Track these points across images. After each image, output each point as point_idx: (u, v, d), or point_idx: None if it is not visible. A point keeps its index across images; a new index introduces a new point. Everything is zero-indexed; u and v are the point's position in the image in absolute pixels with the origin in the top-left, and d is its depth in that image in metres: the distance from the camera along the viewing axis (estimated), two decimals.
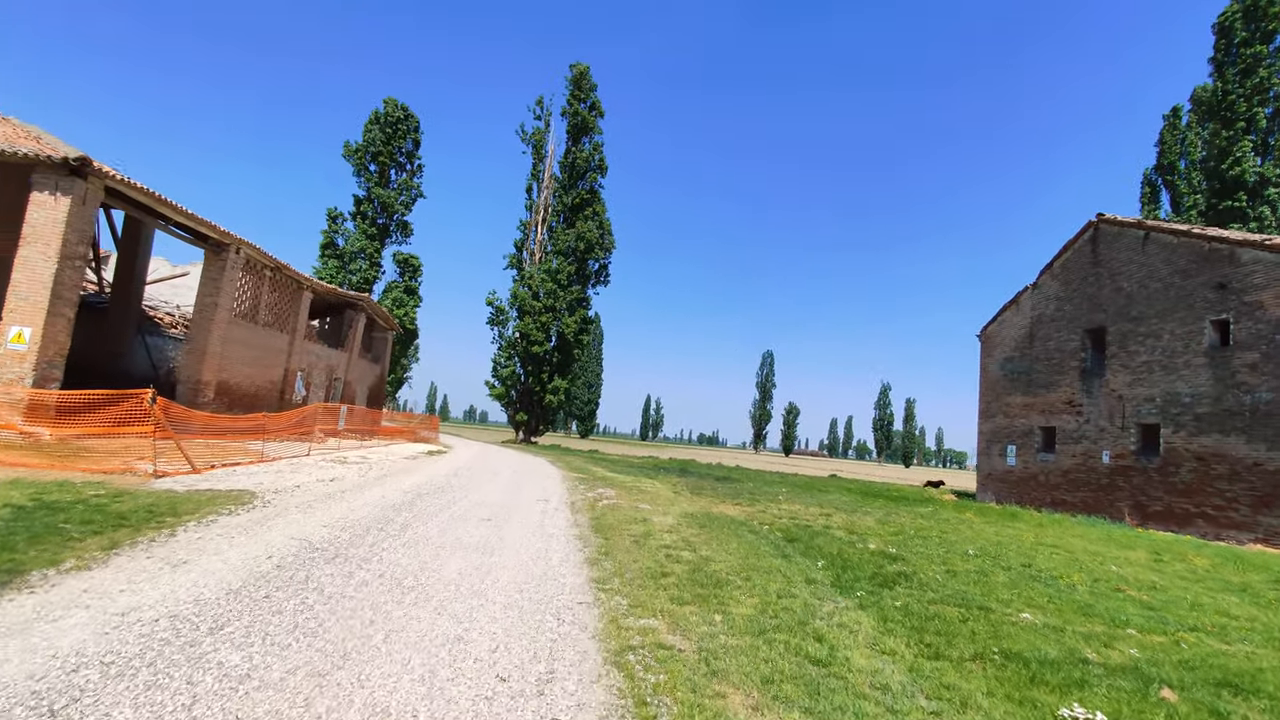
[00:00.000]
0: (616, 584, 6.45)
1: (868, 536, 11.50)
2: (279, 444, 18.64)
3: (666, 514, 12.30)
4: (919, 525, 14.08)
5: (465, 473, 17.69)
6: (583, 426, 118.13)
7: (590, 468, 25.32)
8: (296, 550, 6.55)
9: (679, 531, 10.12)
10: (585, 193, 50.45)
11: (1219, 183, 42.19)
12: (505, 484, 15.78)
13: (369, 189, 48.01)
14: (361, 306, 33.18)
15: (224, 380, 21.98)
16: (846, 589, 7.21)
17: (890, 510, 17.28)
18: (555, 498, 13.81)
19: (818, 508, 16.18)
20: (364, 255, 47.32)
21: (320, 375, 30.06)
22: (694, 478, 24.74)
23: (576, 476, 20.21)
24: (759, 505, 15.59)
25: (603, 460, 33.45)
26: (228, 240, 21.00)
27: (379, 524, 8.48)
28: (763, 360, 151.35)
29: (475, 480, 15.89)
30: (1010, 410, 25.41)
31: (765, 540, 10.12)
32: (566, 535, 9.10)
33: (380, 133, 48.20)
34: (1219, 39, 42.07)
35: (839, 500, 19.49)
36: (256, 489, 10.55)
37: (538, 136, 52.13)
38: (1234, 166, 41.29)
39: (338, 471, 14.47)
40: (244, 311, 23.40)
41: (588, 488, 16.77)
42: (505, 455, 30.08)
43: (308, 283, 26.99)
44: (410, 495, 11.67)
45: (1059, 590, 8.17)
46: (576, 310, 49.20)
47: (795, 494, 20.62)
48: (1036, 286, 24.85)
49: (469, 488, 13.95)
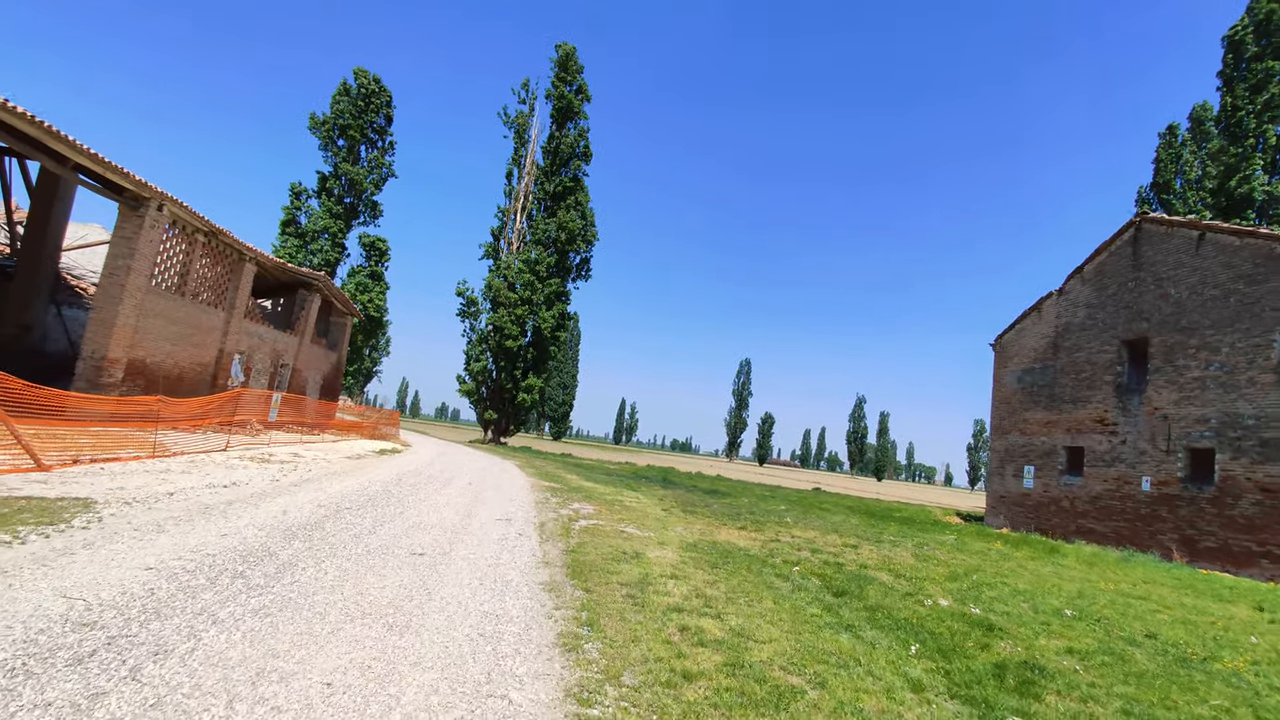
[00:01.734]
0: (612, 709, 3.67)
1: (924, 585, 8.87)
2: (197, 435, 15.54)
3: (663, 544, 9.55)
4: (964, 563, 11.52)
5: (414, 478, 14.74)
6: (555, 428, 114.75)
7: (563, 474, 22.47)
8: (24, 640, 3.66)
9: (686, 577, 7.38)
10: (568, 180, 47.59)
11: (1225, 200, 40.81)
12: (460, 494, 12.88)
13: (335, 164, 44.68)
14: (316, 286, 29.92)
15: (138, 359, 18.73)
16: (974, 700, 4.53)
17: (915, 539, 14.73)
18: (520, 516, 10.97)
19: (835, 535, 13.54)
20: (327, 235, 43.97)
21: (264, 360, 26.77)
22: (680, 490, 22.02)
23: (548, 486, 17.36)
24: (767, 530, 12.90)
25: (577, 466, 30.58)
26: (146, 193, 17.82)
27: (245, 564, 5.59)
28: (740, 368, 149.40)
29: (424, 488, 12.97)
30: (1028, 427, 23.13)
31: (803, 592, 7.42)
32: (530, 585, 6.28)
33: (350, 105, 44.91)
34: (1228, 53, 40.80)
35: (849, 524, 16.92)
36: (103, 497, 7.58)
37: (520, 120, 49.21)
38: (1242, 184, 39.92)
39: (246, 474, 11.46)
40: (168, 280, 20.16)
41: (561, 501, 13.95)
42: (469, 456, 27.06)
43: (251, 254, 23.76)
44: (326, 511, 8.75)
45: (1244, 690, 5.62)
46: (555, 304, 46.25)
47: (797, 514, 18.02)
48: (1063, 292, 22.63)
49: (412, 500, 11.05)
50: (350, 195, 45.53)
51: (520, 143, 49.11)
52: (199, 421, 15.82)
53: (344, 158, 45.07)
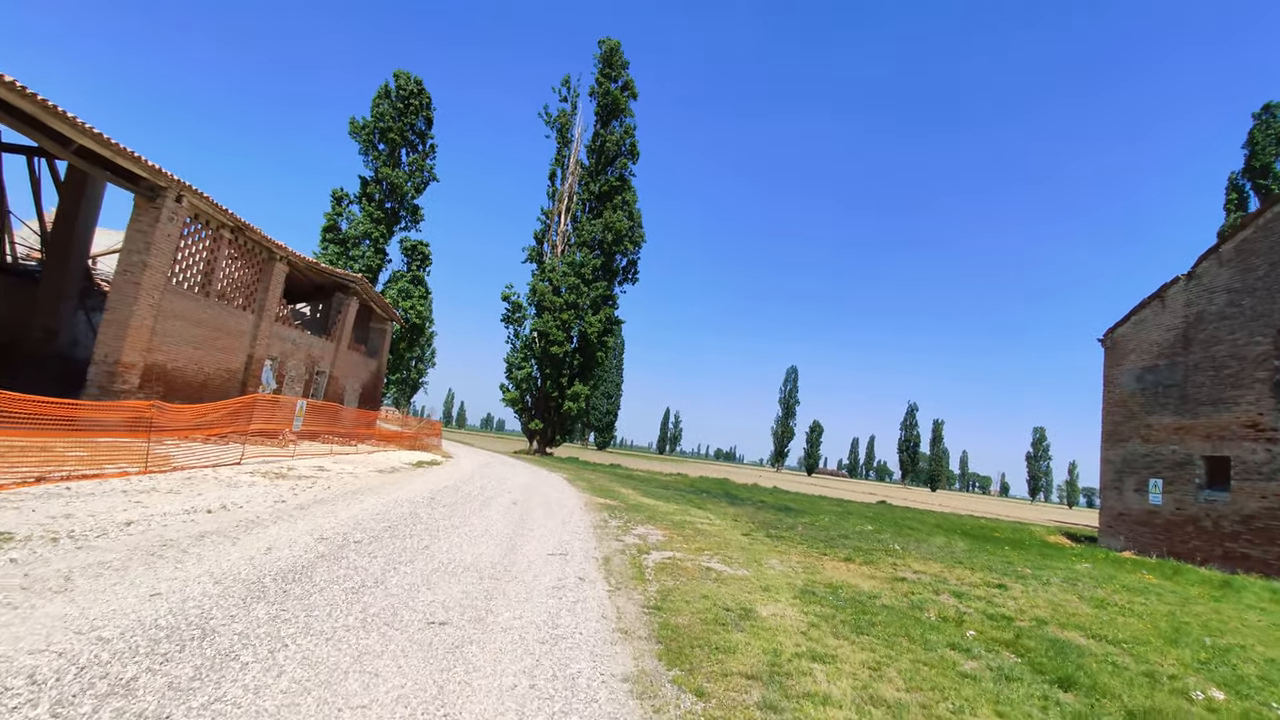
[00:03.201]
0: None
1: (1145, 654, 6.25)
2: (211, 447, 13.79)
3: (770, 591, 7.14)
4: (1152, 610, 8.76)
5: (451, 495, 12.64)
6: (600, 439, 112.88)
7: (618, 489, 20.20)
8: None
9: (832, 655, 4.97)
10: (614, 180, 45.63)
11: None
12: (503, 518, 10.69)
13: (376, 169, 43.67)
14: (354, 290, 28.48)
15: (157, 363, 17.24)
16: None
17: (1052, 570, 11.91)
18: (578, 547, 8.70)
19: (963, 568, 10.87)
20: (369, 241, 42.93)
21: (298, 366, 25.33)
22: (748, 506, 19.51)
23: (604, 504, 15.10)
24: (879, 563, 10.34)
25: (628, 478, 28.29)
26: (162, 182, 16.33)
27: (149, 658, 3.43)
28: (786, 376, 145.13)
29: (460, 510, 10.83)
30: (1153, 434, 19.90)
31: (1013, 682, 4.91)
32: (609, 683, 3.98)
33: (390, 108, 43.92)
34: None
35: (957, 549, 14.19)
36: (29, 530, 5.59)
37: (563, 119, 47.51)
38: None
39: (248, 494, 9.49)
40: (191, 279, 18.72)
41: (622, 525, 11.66)
42: (514, 469, 25.04)
43: (282, 252, 22.29)
44: (327, 547, 6.64)
45: None
46: (601, 309, 44.21)
47: (889, 535, 15.36)
48: (1193, 276, 19.41)
49: (444, 527, 8.89)
50: (391, 200, 44.50)
51: (563, 142, 47.46)
52: (214, 431, 14.08)
53: (384, 162, 44.06)
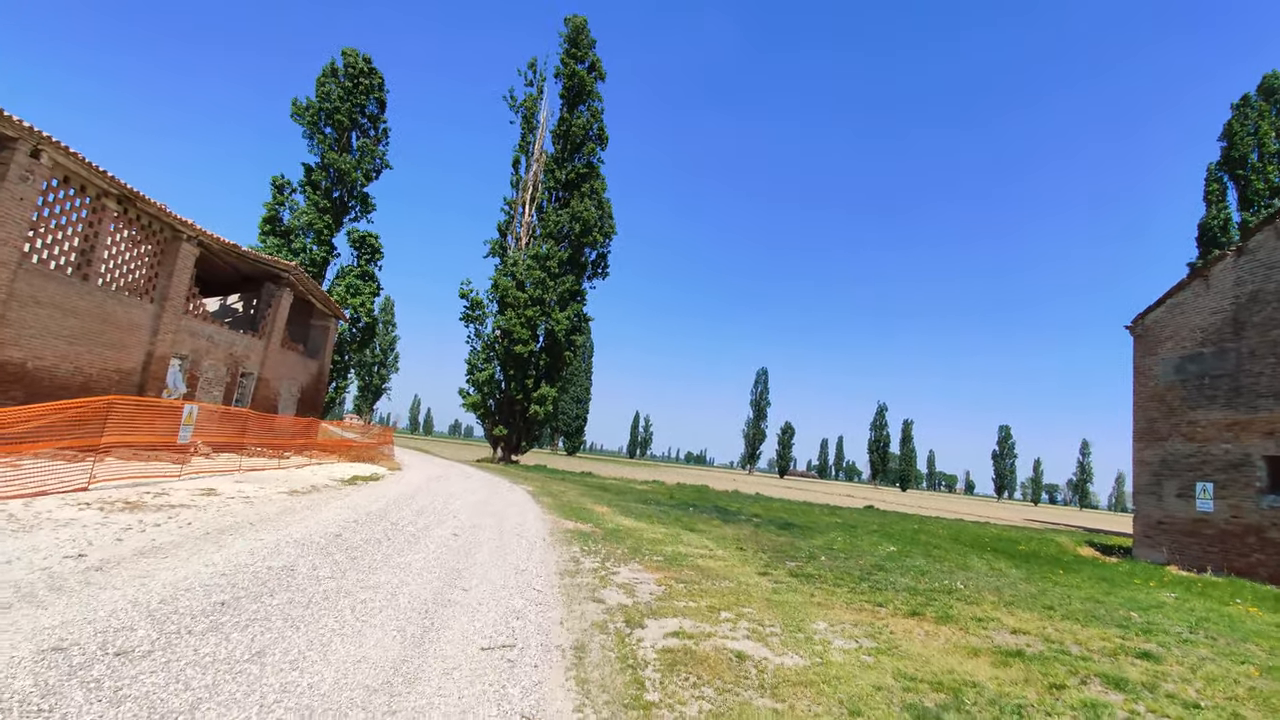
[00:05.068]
0: None
1: None
2: (64, 465, 10.34)
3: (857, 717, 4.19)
4: None
5: (369, 529, 9.43)
6: (570, 443, 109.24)
7: (591, 506, 17.11)
8: None
9: None
10: (582, 167, 42.56)
11: None
12: (430, 568, 7.53)
13: (322, 154, 39.87)
14: (286, 279, 24.89)
15: (11, 361, 13.67)
16: None
17: (1162, 612, 9.22)
18: (534, 626, 5.60)
19: (1059, 617, 8.04)
20: (313, 232, 39.10)
21: (216, 367, 21.69)
22: (746, 525, 16.58)
23: (574, 530, 12.02)
24: (958, 619, 7.45)
25: (602, 489, 25.19)
26: (12, 131, 12.83)
27: None
28: (757, 378, 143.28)
29: (369, 556, 7.65)
30: (1199, 431, 17.55)
31: None
32: None
33: (337, 88, 40.22)
34: None
35: (1020, 579, 11.50)
36: None
37: (528, 103, 44.23)
38: None
39: (31, 542, 6.21)
40: (61, 258, 15.17)
41: (601, 565, 8.60)
42: (469, 482, 21.76)
43: (190, 231, 18.73)
44: (23, 692, 3.48)
45: None
46: (569, 304, 41.06)
47: (930, 562, 12.63)
48: (1244, 251, 17.13)
49: (323, 596, 5.73)
50: (339, 188, 40.77)
51: (528, 128, 44.21)
52: (68, 444, 10.59)
53: (331, 147, 40.29)
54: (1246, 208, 46.02)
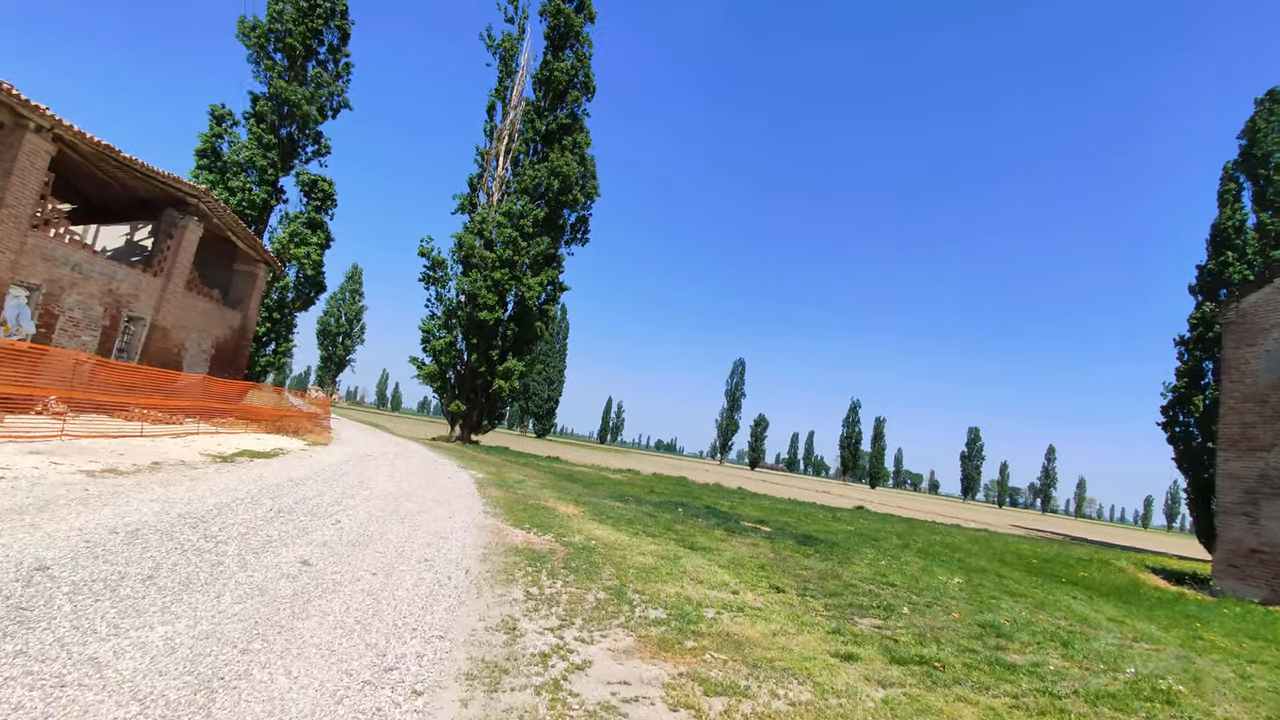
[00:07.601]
0: None
1: None
2: None
3: None
4: None
5: (131, 552, 5.33)
6: (540, 425, 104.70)
7: (555, 505, 13.06)
8: None
9: None
10: (564, 117, 38.13)
11: None
12: (154, 676, 3.49)
13: (270, 81, 34.70)
14: (193, 205, 20.23)
15: None
16: None
17: None
18: None
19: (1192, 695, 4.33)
20: (254, 169, 34.02)
21: (88, 305, 17.08)
22: (760, 539, 12.70)
23: (524, 547, 7.98)
24: None
25: (570, 479, 21.15)
26: None
27: None
28: (733, 368, 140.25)
29: (38, 641, 3.59)
30: None
31: None
32: None
33: (292, 8, 35.01)
34: None
35: (1104, 619, 7.82)
36: None
37: (508, 43, 39.49)
38: None
39: None
40: None
41: (557, 643, 4.62)
42: (406, 464, 17.56)
43: (41, 120, 14.12)
44: None
45: None
46: (543, 270, 36.72)
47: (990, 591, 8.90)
48: None
49: None
50: (289, 125, 35.64)
51: (506, 71, 39.49)
52: None
53: (281, 75, 35.17)
54: (1265, 208, 43.51)
